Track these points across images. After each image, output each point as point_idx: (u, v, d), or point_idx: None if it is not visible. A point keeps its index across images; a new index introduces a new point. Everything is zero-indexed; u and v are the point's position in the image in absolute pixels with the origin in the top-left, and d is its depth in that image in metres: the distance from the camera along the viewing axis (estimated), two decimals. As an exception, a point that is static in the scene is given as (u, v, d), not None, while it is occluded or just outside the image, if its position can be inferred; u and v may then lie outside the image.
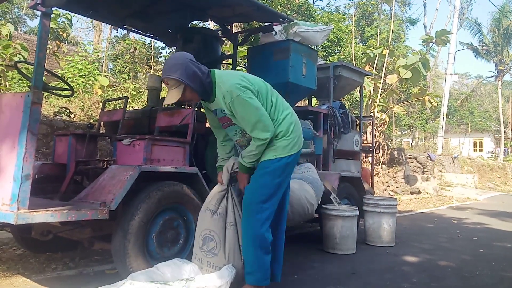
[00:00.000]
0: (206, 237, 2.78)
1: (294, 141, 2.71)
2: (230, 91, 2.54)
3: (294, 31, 4.70)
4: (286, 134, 2.68)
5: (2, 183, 2.36)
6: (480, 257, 4.49)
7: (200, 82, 2.58)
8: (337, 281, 3.33)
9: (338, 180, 4.72)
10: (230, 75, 2.69)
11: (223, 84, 2.59)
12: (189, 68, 2.53)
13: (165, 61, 2.66)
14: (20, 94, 2.46)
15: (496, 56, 30.06)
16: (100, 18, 4.82)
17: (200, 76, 2.57)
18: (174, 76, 2.51)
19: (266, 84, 2.80)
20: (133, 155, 3.23)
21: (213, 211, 2.80)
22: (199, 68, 2.59)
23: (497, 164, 24.03)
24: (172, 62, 2.57)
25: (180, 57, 2.59)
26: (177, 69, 2.52)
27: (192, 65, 2.56)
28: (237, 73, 2.73)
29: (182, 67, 2.52)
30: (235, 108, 2.56)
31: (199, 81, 2.57)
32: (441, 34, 11.99)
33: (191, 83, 2.54)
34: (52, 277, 3.17)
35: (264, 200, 2.64)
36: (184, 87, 2.54)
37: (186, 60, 2.56)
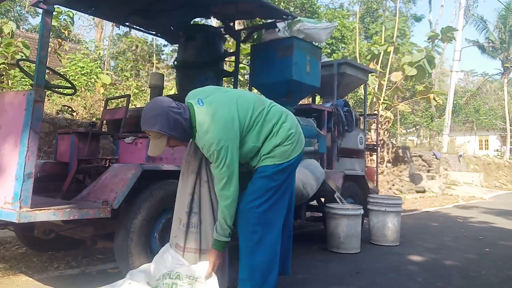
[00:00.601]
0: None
1: (294, 146, 2.60)
2: (210, 145, 2.36)
3: (298, 28, 4.66)
4: (285, 141, 2.56)
5: (5, 182, 2.35)
6: (485, 256, 4.45)
7: (182, 129, 2.40)
8: (341, 281, 3.31)
9: (342, 179, 4.68)
10: (213, 121, 2.39)
11: (204, 135, 2.38)
12: (170, 117, 2.34)
13: (143, 111, 2.50)
14: (22, 92, 2.44)
15: (502, 53, 29.84)
16: (102, 15, 4.81)
17: (182, 123, 2.38)
18: (154, 129, 2.33)
19: (251, 102, 2.57)
20: (135, 153, 3.22)
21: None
22: (180, 113, 2.38)
23: (503, 162, 23.89)
24: (151, 113, 2.37)
25: (158, 106, 2.38)
26: (156, 121, 2.33)
27: (173, 113, 2.36)
28: (222, 117, 2.41)
29: (162, 118, 2.33)
30: (210, 158, 2.41)
31: (181, 128, 2.39)
32: (446, 31, 11.90)
33: (173, 133, 2.36)
34: (55, 276, 3.16)
35: (258, 205, 2.52)
36: (167, 137, 2.39)
37: (166, 109, 2.35)
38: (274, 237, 2.63)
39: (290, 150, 2.58)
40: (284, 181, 2.62)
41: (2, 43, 7.55)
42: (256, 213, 2.53)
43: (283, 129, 2.58)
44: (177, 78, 4.94)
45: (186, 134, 2.44)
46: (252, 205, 2.53)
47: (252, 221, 2.53)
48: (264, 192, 2.55)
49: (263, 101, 2.67)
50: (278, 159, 2.55)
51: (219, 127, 2.38)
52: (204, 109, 2.44)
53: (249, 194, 2.56)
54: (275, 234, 2.64)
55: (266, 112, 2.58)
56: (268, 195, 2.55)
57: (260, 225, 2.54)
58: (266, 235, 2.57)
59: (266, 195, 2.55)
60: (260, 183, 2.55)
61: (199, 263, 2.51)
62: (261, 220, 2.54)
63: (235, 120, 2.43)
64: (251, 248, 2.54)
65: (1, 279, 3.04)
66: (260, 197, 2.54)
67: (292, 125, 2.64)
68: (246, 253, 2.56)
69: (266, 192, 2.55)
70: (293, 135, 2.60)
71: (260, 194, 2.54)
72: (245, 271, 2.56)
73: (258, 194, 2.54)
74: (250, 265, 2.55)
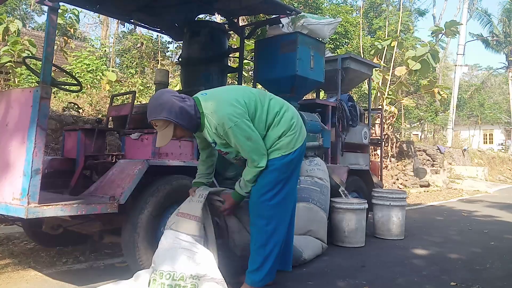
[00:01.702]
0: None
1: (297, 136, 2.66)
2: (222, 124, 2.43)
3: (302, 24, 4.66)
4: (288, 131, 2.62)
5: (13, 178, 2.38)
6: (490, 249, 4.45)
7: (189, 117, 2.45)
8: (346, 274, 3.32)
9: (347, 173, 4.70)
10: (219, 102, 2.50)
11: (214, 115, 2.46)
12: (175, 105, 2.40)
13: (148, 102, 2.53)
14: (29, 89, 2.47)
15: (506, 47, 29.64)
16: (107, 12, 4.82)
17: (188, 110, 2.44)
18: (161, 117, 2.38)
19: (254, 93, 2.66)
20: (141, 149, 3.25)
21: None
22: (185, 102, 2.45)
23: (507, 156, 23.80)
24: (156, 102, 2.43)
25: (163, 96, 2.44)
26: (162, 109, 2.39)
27: (177, 101, 2.42)
28: (226, 99, 2.53)
29: (167, 105, 2.39)
30: (229, 138, 2.48)
31: (187, 116, 2.44)
32: (450, 25, 11.83)
33: (180, 120, 2.41)
34: (63, 271, 3.20)
35: (270, 198, 2.59)
36: (174, 126, 2.42)
37: (170, 97, 2.42)
38: (285, 229, 2.71)
39: (294, 140, 2.64)
40: (292, 172, 2.69)
41: (8, 41, 7.59)
42: (269, 206, 2.59)
43: (285, 118, 2.65)
44: (182, 75, 4.96)
45: (192, 121, 2.49)
46: (264, 198, 2.59)
47: (266, 214, 2.60)
48: (275, 184, 2.60)
49: (264, 93, 2.77)
50: (284, 150, 2.61)
51: (225, 106, 2.47)
52: (208, 96, 2.57)
53: (260, 188, 2.61)
54: (286, 226, 2.72)
55: (268, 102, 2.66)
56: (278, 187, 2.61)
57: (273, 218, 2.61)
58: (279, 227, 2.64)
59: (277, 187, 2.61)
60: (270, 176, 2.60)
61: (202, 259, 2.53)
62: (274, 212, 2.61)
63: (239, 101, 2.52)
64: (264, 241, 2.59)
65: (11, 274, 3.09)
66: (271, 190, 2.60)
67: (294, 115, 2.72)
68: (258, 245, 2.61)
69: (277, 184, 2.61)
70: (295, 124, 2.67)
71: (271, 187, 2.60)
72: (256, 262, 2.61)
73: (270, 187, 2.60)
74: (262, 256, 2.59)
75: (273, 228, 2.60)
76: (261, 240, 2.60)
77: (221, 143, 2.58)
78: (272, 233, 2.60)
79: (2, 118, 2.61)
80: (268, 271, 2.61)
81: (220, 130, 2.47)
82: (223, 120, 2.43)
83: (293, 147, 2.64)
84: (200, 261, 2.51)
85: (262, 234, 2.60)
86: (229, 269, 2.82)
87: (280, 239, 2.65)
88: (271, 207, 2.60)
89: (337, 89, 5.44)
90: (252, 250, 2.64)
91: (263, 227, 2.60)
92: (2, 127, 2.57)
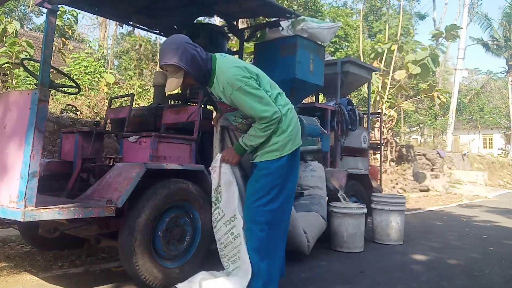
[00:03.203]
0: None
1: (293, 138, 2.62)
2: (231, 83, 2.44)
3: (301, 28, 4.64)
4: (287, 131, 2.58)
5: (10, 181, 2.36)
6: (489, 255, 4.44)
7: (198, 67, 2.45)
8: (345, 280, 3.30)
9: (346, 178, 4.68)
10: (230, 64, 2.52)
11: (223, 74, 2.47)
12: (188, 52, 2.40)
13: (162, 46, 2.52)
14: (27, 91, 2.45)
15: (506, 51, 29.68)
16: (106, 14, 4.81)
17: (199, 60, 2.44)
18: (172, 62, 2.39)
19: (268, 78, 2.71)
20: (139, 152, 3.22)
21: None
22: (198, 51, 2.45)
23: (507, 161, 23.80)
24: (169, 46, 2.43)
25: (177, 40, 2.45)
26: (175, 54, 2.39)
27: (190, 48, 2.43)
28: (239, 64, 2.56)
29: (179, 51, 2.39)
30: (237, 100, 2.47)
31: (197, 66, 2.44)
32: (450, 29, 11.86)
33: (190, 68, 2.42)
34: (59, 275, 3.18)
35: (265, 204, 2.54)
36: (184, 73, 2.43)
37: (184, 44, 2.42)
38: (281, 235, 2.67)
39: (290, 143, 2.60)
40: (287, 178, 2.63)
41: (6, 43, 7.58)
42: (263, 212, 2.55)
43: (288, 116, 2.62)
44: (181, 77, 4.93)
45: (201, 73, 2.49)
46: (259, 203, 2.55)
47: (260, 220, 2.55)
48: (270, 189, 2.56)
49: (275, 85, 2.76)
50: (278, 152, 2.57)
51: (236, 68, 2.48)
52: (226, 58, 2.58)
53: (255, 193, 2.58)
54: (282, 232, 2.68)
55: (276, 94, 2.66)
56: (273, 193, 2.57)
57: (268, 224, 2.56)
58: (274, 234, 2.59)
59: (271, 192, 2.56)
60: (265, 180, 2.57)
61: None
62: (268, 219, 2.56)
63: (252, 71, 2.54)
64: (257, 246, 2.55)
65: (6, 278, 3.06)
66: (266, 195, 2.55)
67: (295, 117, 2.70)
68: (253, 250, 2.56)
69: (272, 189, 2.56)
70: (293, 127, 2.63)
71: (266, 192, 2.55)
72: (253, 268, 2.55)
73: (264, 192, 2.56)
74: (256, 262, 2.55)
75: (266, 235, 2.55)
76: (255, 246, 2.56)
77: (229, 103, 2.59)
78: (266, 239, 2.55)
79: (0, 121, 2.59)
80: (267, 277, 2.56)
81: (228, 90, 2.46)
82: (232, 79, 2.44)
83: (289, 150, 2.59)
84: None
85: (256, 240, 2.55)
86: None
87: (276, 247, 2.61)
88: (266, 213, 2.55)
89: (337, 93, 5.42)
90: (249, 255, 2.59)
91: (258, 232, 2.55)
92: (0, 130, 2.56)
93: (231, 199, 2.67)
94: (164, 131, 3.64)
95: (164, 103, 4.24)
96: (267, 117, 2.46)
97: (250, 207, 2.58)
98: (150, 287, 2.77)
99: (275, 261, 2.64)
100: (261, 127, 2.50)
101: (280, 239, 2.69)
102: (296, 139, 2.66)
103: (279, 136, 2.57)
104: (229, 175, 2.70)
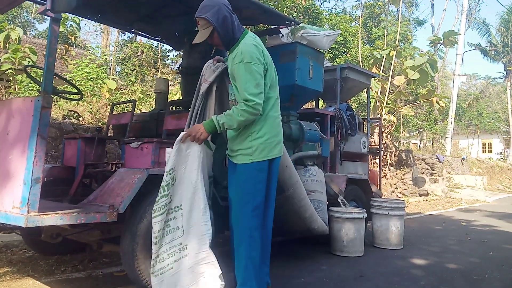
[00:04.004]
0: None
1: (272, 146, 2.61)
2: (244, 54, 2.53)
3: (301, 35, 4.69)
4: (266, 134, 2.59)
5: (13, 186, 2.39)
6: (489, 259, 4.46)
7: (226, 30, 2.57)
8: (345, 284, 3.33)
9: (346, 182, 4.70)
10: (254, 41, 2.62)
11: (244, 45, 2.57)
12: (221, 12, 2.53)
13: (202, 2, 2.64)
14: (30, 98, 2.48)
15: (504, 56, 29.79)
16: (108, 22, 4.86)
17: (230, 24, 2.56)
18: (204, 16, 2.52)
19: (276, 78, 2.78)
20: (141, 158, 3.26)
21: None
22: (231, 16, 2.58)
23: (506, 165, 23.80)
24: (207, 2, 2.57)
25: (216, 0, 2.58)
26: (209, 10, 2.53)
27: (225, 10, 2.56)
28: (260, 44, 2.66)
29: (214, 9, 2.53)
30: (238, 71, 2.54)
31: (226, 28, 2.56)
32: (448, 35, 11.94)
33: (219, 27, 2.54)
34: (61, 279, 3.20)
35: (253, 209, 2.56)
36: (212, 30, 2.55)
37: (221, 4, 2.56)
38: (269, 239, 2.72)
39: (267, 150, 2.60)
40: (269, 186, 2.66)
41: (9, 49, 7.63)
42: (251, 217, 2.56)
43: (272, 120, 2.65)
44: (182, 83, 4.98)
45: (228, 37, 2.60)
46: (247, 209, 2.56)
47: (249, 225, 2.56)
48: (254, 194, 2.58)
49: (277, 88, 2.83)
50: (255, 157, 2.57)
51: (257, 49, 2.57)
52: (255, 37, 2.67)
53: (240, 199, 2.59)
54: (268, 236, 2.72)
55: (278, 98, 2.75)
56: (258, 199, 2.59)
57: (255, 229, 2.58)
58: (263, 238, 2.62)
59: (256, 198, 2.58)
60: (248, 187, 2.58)
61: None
62: (256, 223, 2.57)
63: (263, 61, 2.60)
64: (248, 252, 2.56)
65: (9, 282, 3.08)
66: (252, 201, 2.57)
67: (281, 129, 2.75)
68: (242, 256, 2.57)
69: (256, 195, 2.58)
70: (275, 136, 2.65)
71: (251, 198, 2.57)
72: (242, 274, 2.57)
73: (249, 198, 2.57)
74: (246, 267, 2.56)
75: (256, 240, 2.57)
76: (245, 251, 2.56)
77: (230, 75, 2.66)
78: (255, 244, 2.57)
79: (3, 127, 2.63)
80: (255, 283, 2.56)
81: (238, 58, 2.54)
82: (246, 53, 2.52)
83: (263, 157, 2.58)
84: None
85: (246, 245, 2.56)
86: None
87: (264, 251, 2.66)
88: (253, 218, 2.56)
89: (336, 99, 5.46)
90: (238, 261, 2.60)
91: (247, 239, 2.56)
92: (3, 136, 2.59)
93: (186, 185, 2.52)
94: (166, 137, 3.68)
95: (165, 109, 4.28)
96: (250, 101, 2.47)
97: (238, 213, 2.59)
98: (151, 292, 2.79)
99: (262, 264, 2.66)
100: (240, 108, 2.49)
101: (264, 236, 2.69)
102: (274, 149, 2.63)
103: (256, 139, 2.58)
104: (190, 155, 2.53)
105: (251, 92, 2.48)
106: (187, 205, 2.53)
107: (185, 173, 2.54)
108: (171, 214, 2.52)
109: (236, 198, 2.63)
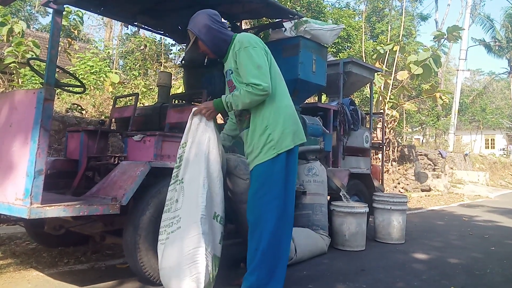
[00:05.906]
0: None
1: (293, 132, 2.60)
2: (241, 41, 2.58)
3: (304, 29, 4.68)
4: (285, 124, 2.57)
5: (16, 178, 2.40)
6: (491, 255, 4.46)
7: (212, 36, 2.65)
8: (346, 278, 3.33)
9: (348, 177, 4.71)
10: (249, 35, 2.69)
11: (239, 36, 2.64)
12: (202, 21, 2.64)
13: None
14: (33, 90, 2.49)
15: (508, 52, 29.67)
16: (111, 15, 4.85)
17: (215, 30, 2.64)
18: (188, 27, 2.68)
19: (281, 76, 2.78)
20: (143, 151, 3.26)
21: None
22: (213, 22, 2.65)
23: (509, 161, 23.77)
24: (193, 15, 2.71)
25: (201, 12, 2.70)
26: (192, 21, 2.68)
27: (206, 19, 2.65)
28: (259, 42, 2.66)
29: (195, 19, 2.67)
30: (239, 59, 2.56)
31: (211, 35, 2.64)
32: (452, 30, 11.85)
33: (202, 35, 2.64)
34: (64, 271, 3.22)
35: (270, 200, 2.54)
36: (195, 38, 2.67)
37: (202, 14, 2.68)
38: (289, 231, 2.68)
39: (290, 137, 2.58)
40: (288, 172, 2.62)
41: (12, 42, 7.63)
42: (271, 207, 2.54)
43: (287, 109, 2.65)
44: (185, 77, 4.97)
45: (215, 42, 2.67)
46: (266, 200, 2.55)
47: (269, 216, 2.53)
48: (272, 185, 2.55)
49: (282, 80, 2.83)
50: (278, 148, 2.54)
51: (254, 37, 2.66)
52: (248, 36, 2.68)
53: (258, 190, 2.57)
54: (289, 227, 2.68)
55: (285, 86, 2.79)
56: (277, 187, 2.56)
57: (277, 219, 2.55)
58: (282, 229, 2.59)
59: (275, 188, 2.55)
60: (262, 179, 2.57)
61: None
62: (276, 214, 2.55)
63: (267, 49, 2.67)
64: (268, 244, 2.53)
65: (13, 274, 3.10)
66: (270, 192, 2.55)
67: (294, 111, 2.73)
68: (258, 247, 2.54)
69: (274, 185, 2.55)
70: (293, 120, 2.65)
71: (268, 189, 2.55)
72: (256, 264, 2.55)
73: (266, 189, 2.55)
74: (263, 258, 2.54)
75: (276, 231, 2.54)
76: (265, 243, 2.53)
77: (235, 69, 2.62)
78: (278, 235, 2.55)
79: (6, 119, 2.63)
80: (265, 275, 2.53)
81: (236, 47, 2.58)
82: (244, 39, 2.58)
83: (287, 146, 2.56)
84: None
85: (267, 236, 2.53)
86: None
87: (286, 242, 2.63)
88: (274, 209, 2.54)
89: (339, 93, 5.45)
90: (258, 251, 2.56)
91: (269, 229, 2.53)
92: (5, 128, 2.60)
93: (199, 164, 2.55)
94: (168, 130, 3.68)
95: (168, 102, 4.28)
96: (255, 84, 2.47)
97: (255, 203, 2.57)
98: (154, 284, 2.81)
99: (285, 259, 2.64)
100: (247, 90, 2.49)
101: (289, 233, 2.69)
102: (296, 134, 2.62)
103: (275, 131, 2.55)
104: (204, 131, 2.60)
105: (253, 75, 2.50)
106: (187, 178, 2.58)
107: (191, 148, 2.62)
108: (178, 185, 2.59)
109: (252, 190, 2.62)
